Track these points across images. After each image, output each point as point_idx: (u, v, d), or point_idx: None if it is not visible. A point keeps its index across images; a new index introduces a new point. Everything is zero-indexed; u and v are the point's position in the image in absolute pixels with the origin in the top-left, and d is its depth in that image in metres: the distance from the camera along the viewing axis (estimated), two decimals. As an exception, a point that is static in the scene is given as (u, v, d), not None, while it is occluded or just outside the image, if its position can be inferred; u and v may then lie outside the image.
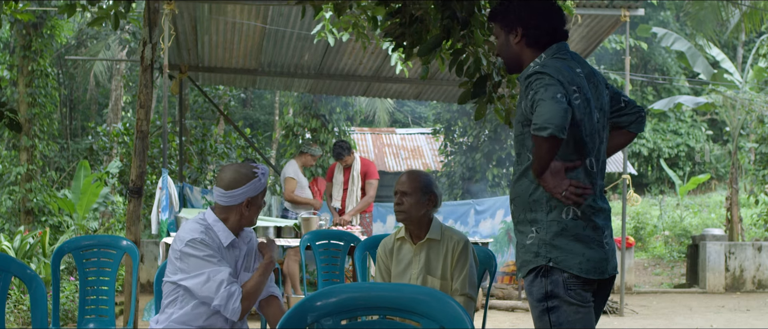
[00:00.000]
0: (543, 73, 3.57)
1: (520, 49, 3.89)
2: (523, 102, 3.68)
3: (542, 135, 3.42)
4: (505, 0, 3.96)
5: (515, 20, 3.88)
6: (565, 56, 3.80)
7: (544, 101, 3.45)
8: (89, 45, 26.30)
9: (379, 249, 4.93)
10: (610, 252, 3.75)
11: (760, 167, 17.36)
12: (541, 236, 3.69)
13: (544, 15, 3.88)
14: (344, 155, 10.74)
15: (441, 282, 4.68)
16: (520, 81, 3.80)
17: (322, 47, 12.35)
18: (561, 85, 3.53)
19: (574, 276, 3.63)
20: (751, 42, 30.37)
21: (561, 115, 3.40)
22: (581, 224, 3.66)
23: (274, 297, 4.23)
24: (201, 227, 4.01)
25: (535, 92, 3.53)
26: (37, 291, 4.20)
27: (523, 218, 3.80)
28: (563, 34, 3.91)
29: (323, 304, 2.55)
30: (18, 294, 9.76)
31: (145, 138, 7.56)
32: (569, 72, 3.65)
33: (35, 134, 14.81)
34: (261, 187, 4.07)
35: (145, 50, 7.51)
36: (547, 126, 3.40)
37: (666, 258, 19.43)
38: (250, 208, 4.07)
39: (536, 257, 3.69)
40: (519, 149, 3.83)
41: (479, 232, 13.00)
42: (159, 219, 9.52)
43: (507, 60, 3.99)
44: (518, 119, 3.78)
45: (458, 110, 21.24)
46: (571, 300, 3.65)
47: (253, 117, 33.23)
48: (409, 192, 4.75)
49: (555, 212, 3.66)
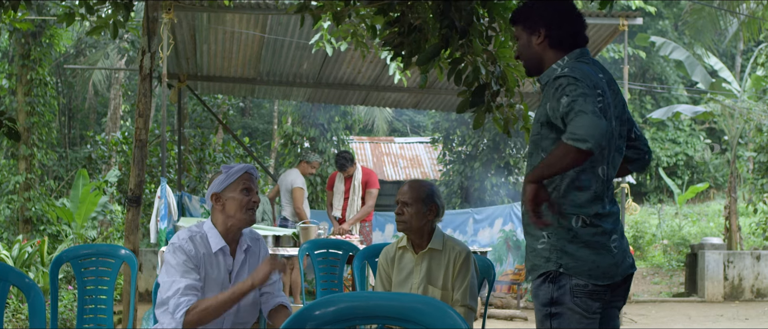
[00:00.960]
0: (577, 80, 3.54)
1: (543, 50, 3.87)
2: (549, 103, 3.64)
3: (579, 146, 3.37)
4: (528, 2, 3.96)
5: (539, 21, 3.87)
6: (587, 61, 3.81)
7: (585, 113, 3.41)
8: (88, 54, 26.32)
9: (380, 257, 4.92)
10: (619, 254, 3.72)
11: (759, 176, 17.36)
12: (553, 241, 3.68)
13: (567, 17, 3.88)
14: (348, 166, 10.76)
15: (442, 293, 4.67)
16: (544, 82, 3.80)
17: (321, 56, 12.36)
18: (599, 96, 3.52)
19: (583, 283, 3.63)
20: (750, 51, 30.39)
21: (602, 132, 3.38)
22: (591, 230, 3.65)
23: (283, 306, 4.21)
24: (188, 234, 4.03)
25: (571, 99, 3.48)
26: (36, 300, 4.19)
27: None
28: (584, 38, 3.91)
29: (322, 313, 2.54)
30: (16, 303, 9.76)
31: (143, 147, 7.56)
32: (594, 76, 3.65)
33: (34, 143, 14.80)
34: (226, 180, 4.04)
35: (144, 59, 7.51)
36: (587, 139, 3.36)
37: (665, 267, 19.43)
38: (220, 203, 4.05)
39: (547, 262, 3.69)
40: (532, 149, 3.81)
41: (478, 241, 13.00)
42: (157, 228, 9.51)
43: (527, 62, 3.97)
44: (538, 119, 3.75)
45: (457, 119, 21.23)
46: (576, 308, 3.64)
47: (251, 126, 33.21)
48: (410, 202, 4.75)
49: (565, 218, 3.66)
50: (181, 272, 3.91)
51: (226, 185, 4.04)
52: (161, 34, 9.47)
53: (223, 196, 4.05)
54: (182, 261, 3.93)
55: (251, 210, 4.09)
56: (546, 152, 3.69)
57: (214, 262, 4.04)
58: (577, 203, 3.66)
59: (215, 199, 4.07)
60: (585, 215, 3.65)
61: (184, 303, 3.83)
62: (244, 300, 4.00)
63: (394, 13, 5.73)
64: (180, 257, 3.94)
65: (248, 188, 4.07)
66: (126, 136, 15.64)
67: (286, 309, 4.20)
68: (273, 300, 4.20)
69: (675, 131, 30.77)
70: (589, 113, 3.41)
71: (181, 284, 3.87)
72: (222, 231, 4.07)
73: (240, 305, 4.04)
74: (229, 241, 4.11)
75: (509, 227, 12.97)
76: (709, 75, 19.37)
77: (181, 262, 3.93)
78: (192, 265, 3.94)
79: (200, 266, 3.99)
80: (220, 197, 4.06)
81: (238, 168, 4.07)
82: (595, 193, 3.68)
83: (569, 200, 3.67)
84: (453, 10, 5.16)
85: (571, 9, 3.92)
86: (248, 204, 4.07)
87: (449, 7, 5.16)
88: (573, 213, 3.65)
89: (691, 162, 30.42)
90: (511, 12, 4.07)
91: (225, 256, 4.08)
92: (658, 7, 30.83)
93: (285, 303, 4.22)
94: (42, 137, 15.03)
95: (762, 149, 17.11)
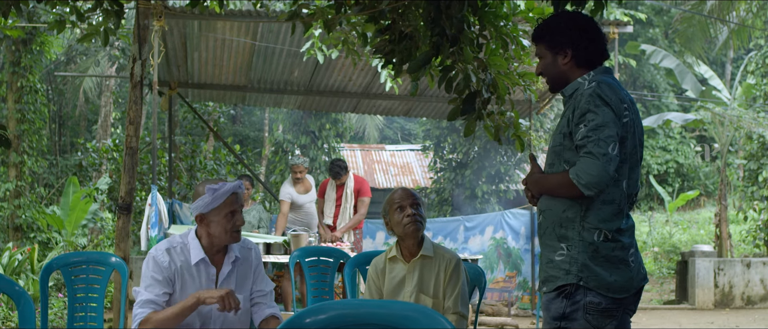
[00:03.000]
0: (600, 104, 3.60)
1: (569, 69, 3.87)
2: (571, 115, 3.68)
3: (581, 190, 3.56)
4: (552, 21, 3.93)
5: (565, 41, 3.85)
6: (613, 78, 3.83)
7: (596, 158, 3.52)
8: (79, 61, 26.27)
9: (370, 270, 4.86)
10: (635, 268, 3.75)
11: (749, 184, 17.40)
12: (573, 254, 3.68)
13: (593, 35, 3.86)
14: (342, 174, 10.73)
15: (433, 301, 4.64)
16: (569, 93, 3.82)
17: (312, 64, 12.36)
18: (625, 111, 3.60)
19: (597, 301, 3.64)
20: (740, 59, 30.53)
21: (607, 180, 3.54)
22: (611, 245, 3.67)
23: (274, 317, 4.20)
24: (166, 246, 4.06)
25: (587, 132, 3.57)
26: (26, 308, 4.18)
27: (552, 232, 3.78)
28: (607, 55, 3.90)
29: (313, 321, 2.54)
30: (6, 310, 9.72)
31: (134, 154, 7.55)
32: (620, 89, 3.70)
33: (24, 150, 14.78)
34: (212, 204, 4.00)
35: (135, 67, 7.51)
36: (590, 188, 3.55)
37: (655, 275, 19.45)
38: (204, 224, 4.04)
39: (567, 274, 3.69)
40: (554, 160, 3.82)
41: (468, 248, 13.00)
42: (148, 236, 9.49)
43: (552, 80, 3.95)
44: (560, 130, 3.77)
45: (448, 127, 21.28)
46: (588, 325, 3.65)
47: (242, 133, 33.20)
48: (420, 203, 4.75)
49: (587, 232, 3.67)
50: (146, 284, 3.99)
51: (211, 208, 4.01)
52: (152, 41, 9.46)
53: (208, 218, 4.03)
54: (151, 274, 3.99)
55: (237, 232, 4.07)
56: (569, 163, 3.70)
57: (194, 273, 4.03)
58: (602, 217, 3.67)
59: (200, 219, 4.05)
60: (607, 230, 3.67)
61: (139, 315, 3.92)
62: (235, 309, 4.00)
63: (385, 20, 5.73)
64: (150, 268, 4.00)
65: (234, 211, 4.03)
66: (117, 143, 15.60)
67: (276, 320, 4.19)
68: (264, 311, 4.19)
69: (665, 138, 30.83)
70: (599, 157, 3.52)
71: (143, 296, 3.95)
72: (205, 245, 4.08)
73: (226, 316, 4.03)
74: (213, 254, 4.10)
75: (500, 234, 12.98)
76: (699, 83, 19.46)
77: (149, 275, 3.99)
78: (160, 277, 3.97)
79: (174, 278, 4.01)
80: (205, 218, 4.04)
81: (223, 191, 4.01)
82: (619, 207, 3.70)
83: (594, 214, 3.67)
84: (444, 18, 5.16)
85: (594, 26, 3.90)
86: (234, 227, 4.05)
87: (440, 15, 5.16)
88: (596, 227, 3.67)
89: (682, 170, 30.47)
90: (535, 28, 4.03)
91: (207, 266, 4.07)
92: (649, 15, 30.93)
93: (276, 314, 4.21)
94: (32, 145, 15.01)
95: (752, 156, 17.15)
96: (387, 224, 4.81)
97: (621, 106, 3.61)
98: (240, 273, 4.17)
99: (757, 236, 16.88)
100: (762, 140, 16.71)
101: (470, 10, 5.42)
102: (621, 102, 3.62)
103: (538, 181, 3.84)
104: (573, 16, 3.97)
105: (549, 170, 3.83)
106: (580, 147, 3.58)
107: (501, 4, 5.74)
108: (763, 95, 17.67)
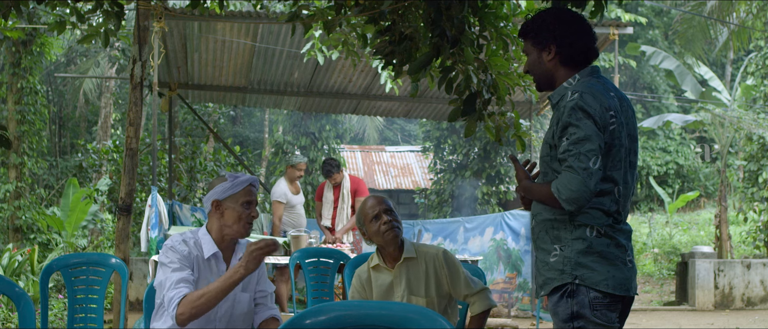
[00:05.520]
0: (583, 116, 3.57)
1: (554, 66, 3.84)
2: (555, 126, 3.66)
3: (562, 204, 3.56)
4: (537, 16, 3.90)
5: (549, 37, 3.81)
6: (599, 79, 3.78)
7: (576, 173, 3.50)
8: (79, 62, 26.29)
9: (353, 281, 4.80)
10: (632, 272, 3.74)
11: (749, 185, 17.39)
12: (566, 253, 3.67)
13: (578, 32, 3.82)
14: (333, 173, 10.70)
15: (426, 300, 4.62)
16: (555, 101, 3.78)
17: (312, 65, 12.36)
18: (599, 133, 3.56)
19: (600, 296, 3.62)
20: (740, 60, 30.52)
21: (586, 195, 3.51)
22: (605, 241, 3.65)
23: (274, 318, 4.19)
24: (181, 237, 4.03)
25: (568, 145, 3.56)
26: (26, 309, 4.18)
27: (546, 235, 3.77)
28: (595, 52, 3.86)
29: (313, 322, 2.54)
30: (6, 312, 9.72)
31: (134, 156, 7.55)
32: (605, 96, 3.63)
33: (24, 152, 14.77)
34: (230, 190, 4.01)
35: (135, 68, 7.51)
36: (570, 203, 3.54)
37: (655, 276, 19.44)
38: (219, 211, 4.03)
39: (561, 274, 3.67)
40: (545, 168, 3.80)
41: (468, 250, 12.99)
42: (148, 237, 9.49)
43: (538, 78, 3.93)
44: (547, 140, 3.76)
45: (448, 128, 21.28)
46: (598, 320, 3.62)
47: (242, 135, 33.19)
48: (393, 208, 4.73)
49: (579, 230, 3.65)
50: (173, 268, 3.90)
51: (228, 195, 4.02)
52: (152, 42, 9.46)
53: (224, 204, 4.03)
54: (174, 257, 3.92)
55: (249, 224, 4.07)
56: (557, 173, 3.67)
57: (207, 267, 4.03)
58: (594, 216, 3.65)
59: (215, 205, 4.04)
60: (599, 226, 3.65)
61: (176, 295, 3.80)
62: (238, 308, 3.99)
63: (386, 21, 5.73)
64: (173, 256, 3.93)
65: (250, 202, 4.05)
66: (117, 144, 15.61)
67: (276, 322, 4.19)
68: (264, 312, 4.19)
69: (665, 140, 30.82)
70: (580, 171, 3.50)
71: (173, 277, 3.86)
72: (216, 238, 4.06)
73: (233, 314, 4.02)
74: (223, 249, 4.09)
75: (500, 235, 12.97)
76: (699, 84, 19.45)
77: (174, 259, 3.92)
78: (186, 263, 3.93)
79: (193, 266, 3.97)
80: (221, 204, 4.03)
81: (243, 179, 4.04)
82: (609, 210, 3.68)
83: (586, 217, 3.66)
84: (444, 18, 5.16)
85: (581, 23, 3.86)
86: (247, 218, 4.05)
87: (440, 16, 5.16)
88: (587, 225, 3.65)
89: (682, 171, 30.46)
90: (521, 25, 4.01)
91: (218, 262, 4.06)
92: (649, 16, 30.93)
93: (276, 316, 4.21)
94: (32, 146, 15.00)
95: (752, 157, 17.15)
96: (364, 234, 4.76)
97: (606, 115, 3.57)
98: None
99: (757, 238, 16.88)
100: (762, 141, 16.71)
101: (470, 11, 5.42)
102: (606, 110, 3.57)
103: (527, 189, 3.85)
104: (558, 11, 3.92)
105: (543, 178, 3.82)
106: (562, 161, 3.57)
107: (501, 5, 5.73)
108: (763, 97, 17.67)
